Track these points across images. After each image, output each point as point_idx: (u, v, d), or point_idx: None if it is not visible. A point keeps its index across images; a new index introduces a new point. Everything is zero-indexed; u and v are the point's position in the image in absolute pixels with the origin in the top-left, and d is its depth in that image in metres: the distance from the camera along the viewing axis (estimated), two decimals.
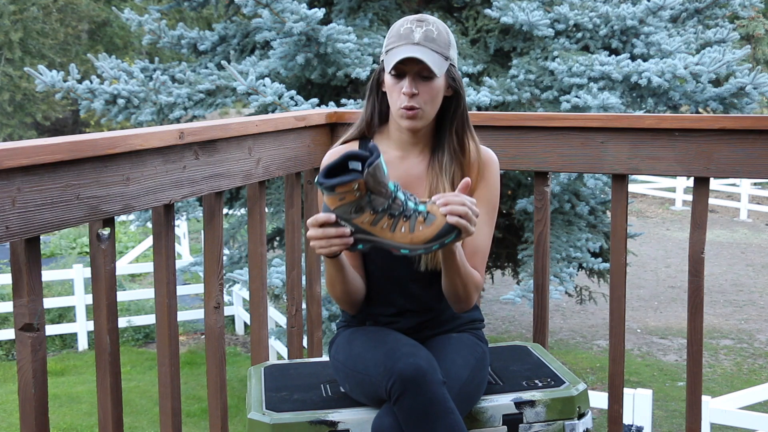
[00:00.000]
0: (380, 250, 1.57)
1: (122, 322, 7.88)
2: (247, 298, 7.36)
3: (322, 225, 1.54)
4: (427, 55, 1.68)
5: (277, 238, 6.51)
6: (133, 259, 9.93)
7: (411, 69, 1.70)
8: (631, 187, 13.31)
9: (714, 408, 4.32)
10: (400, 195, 1.54)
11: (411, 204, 1.55)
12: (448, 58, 1.73)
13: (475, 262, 1.79)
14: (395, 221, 1.53)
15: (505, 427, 1.70)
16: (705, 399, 4.26)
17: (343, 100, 5.23)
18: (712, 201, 13.21)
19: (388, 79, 1.74)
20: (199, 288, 8.46)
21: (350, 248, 1.55)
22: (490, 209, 1.82)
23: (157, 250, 1.92)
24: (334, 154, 1.83)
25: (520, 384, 1.79)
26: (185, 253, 10.07)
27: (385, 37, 5.40)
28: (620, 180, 2.19)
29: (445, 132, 1.80)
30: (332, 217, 1.53)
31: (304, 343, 2.55)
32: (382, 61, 1.77)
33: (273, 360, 2.04)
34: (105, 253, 1.71)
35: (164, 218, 1.90)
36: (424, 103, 1.72)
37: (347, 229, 1.53)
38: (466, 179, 1.59)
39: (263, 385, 1.84)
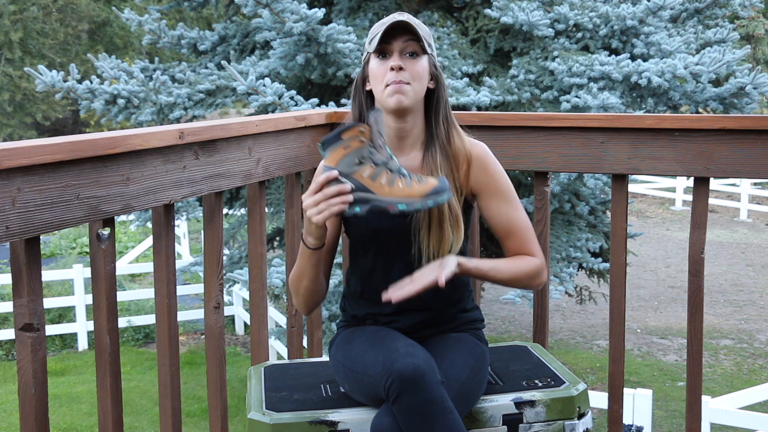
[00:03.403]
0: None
1: (122, 322, 7.89)
2: (247, 298, 7.36)
3: (322, 187, 1.57)
4: (413, 27, 1.72)
5: (277, 238, 6.50)
6: (133, 259, 9.93)
7: (397, 46, 1.73)
8: (631, 187, 13.31)
9: (714, 408, 4.32)
10: (395, 159, 1.62)
11: (405, 171, 1.62)
12: (430, 45, 1.76)
13: (529, 245, 1.81)
14: (393, 176, 1.58)
15: (505, 427, 1.70)
16: (705, 399, 4.26)
17: (343, 100, 5.23)
18: (712, 201, 13.21)
19: (373, 64, 1.75)
20: (199, 288, 8.46)
21: (347, 210, 1.57)
22: (509, 195, 1.82)
23: (157, 250, 1.92)
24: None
25: (520, 384, 1.79)
26: (185, 253, 10.07)
27: None
28: (620, 180, 2.19)
29: (434, 126, 1.80)
30: (334, 173, 1.56)
31: (304, 343, 2.55)
32: (367, 54, 1.78)
33: (273, 360, 2.04)
34: (105, 253, 1.71)
35: (164, 218, 1.90)
36: (411, 78, 1.73)
37: (348, 186, 1.56)
38: None
39: (263, 385, 1.84)
